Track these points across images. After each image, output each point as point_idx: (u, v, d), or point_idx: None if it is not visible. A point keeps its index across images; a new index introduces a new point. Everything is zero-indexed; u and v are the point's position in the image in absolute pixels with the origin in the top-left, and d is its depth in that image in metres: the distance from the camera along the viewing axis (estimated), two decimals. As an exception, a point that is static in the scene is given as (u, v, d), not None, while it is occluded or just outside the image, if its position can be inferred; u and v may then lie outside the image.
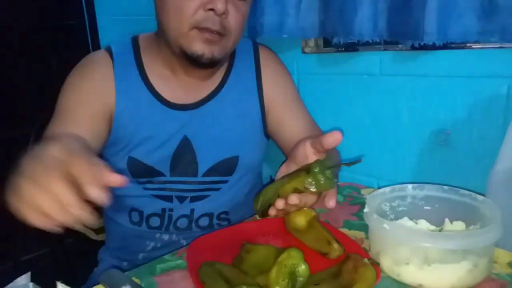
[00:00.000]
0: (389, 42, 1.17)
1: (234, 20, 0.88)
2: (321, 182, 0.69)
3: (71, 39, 1.58)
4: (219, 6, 0.83)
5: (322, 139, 0.70)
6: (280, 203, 0.73)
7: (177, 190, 0.99)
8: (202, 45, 0.87)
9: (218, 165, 1.00)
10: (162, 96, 0.97)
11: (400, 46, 1.16)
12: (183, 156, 0.98)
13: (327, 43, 1.35)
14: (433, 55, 1.11)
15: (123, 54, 0.99)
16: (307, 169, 0.71)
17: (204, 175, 0.99)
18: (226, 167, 1.01)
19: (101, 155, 1.00)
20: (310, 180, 0.70)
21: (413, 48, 1.10)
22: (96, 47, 1.56)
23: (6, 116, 1.51)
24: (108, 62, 0.97)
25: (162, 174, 0.98)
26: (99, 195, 0.49)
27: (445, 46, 1.05)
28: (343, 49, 1.29)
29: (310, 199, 0.74)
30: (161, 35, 0.94)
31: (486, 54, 1.03)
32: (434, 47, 1.03)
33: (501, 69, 1.01)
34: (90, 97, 0.94)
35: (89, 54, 1.01)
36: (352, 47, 1.27)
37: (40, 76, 1.54)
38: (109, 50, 0.99)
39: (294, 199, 0.71)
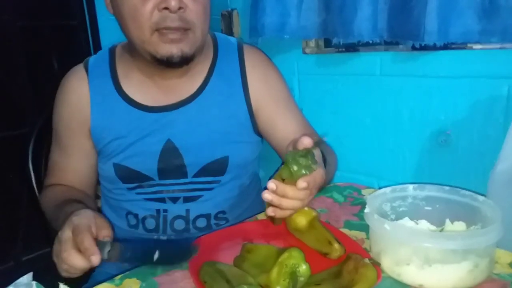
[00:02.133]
0: (390, 43, 1.17)
1: (194, 11, 0.87)
2: (295, 170, 0.69)
3: (72, 39, 1.58)
4: (173, 4, 0.82)
5: (297, 143, 0.72)
6: (265, 195, 0.71)
7: (168, 191, 0.99)
8: (169, 46, 0.87)
9: (208, 166, 0.99)
10: (137, 102, 0.98)
11: (400, 46, 1.16)
12: (170, 159, 0.97)
13: (328, 43, 1.35)
14: (434, 56, 1.11)
15: (99, 66, 1.01)
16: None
17: (195, 176, 0.99)
18: (217, 168, 1.00)
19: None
20: (285, 171, 0.70)
21: (413, 48, 1.10)
22: (97, 47, 1.57)
23: (7, 116, 1.51)
24: (83, 77, 0.99)
25: (151, 179, 0.98)
26: (95, 262, 0.69)
27: (445, 47, 1.05)
28: (343, 49, 1.30)
29: (289, 190, 0.71)
30: (130, 45, 0.95)
31: (486, 54, 1.03)
32: (434, 48, 1.03)
33: (502, 70, 1.01)
34: (70, 121, 1.00)
35: (68, 72, 1.04)
36: (352, 47, 1.27)
37: (42, 76, 1.54)
38: (86, 64, 1.01)
39: (271, 185, 0.70)
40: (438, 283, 0.65)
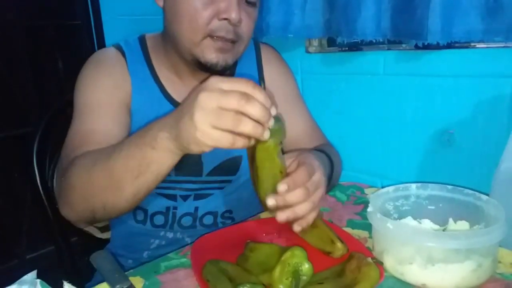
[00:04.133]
0: (393, 42, 1.17)
1: (246, 26, 0.89)
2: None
3: (76, 38, 1.59)
4: (234, 16, 0.83)
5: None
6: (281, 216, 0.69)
7: (181, 189, 0.99)
8: (216, 54, 0.87)
9: (222, 164, 1.00)
10: (171, 96, 0.97)
11: (403, 45, 1.16)
12: (188, 156, 0.98)
13: (331, 42, 1.35)
14: (437, 55, 1.11)
15: (133, 52, 0.99)
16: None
17: (208, 174, 1.00)
18: (230, 167, 1.01)
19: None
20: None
21: (417, 47, 1.10)
22: (101, 46, 1.57)
23: (12, 115, 1.52)
24: (121, 59, 0.97)
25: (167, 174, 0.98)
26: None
27: (449, 46, 1.04)
28: (346, 48, 1.29)
29: (289, 197, 0.67)
30: (170, 43, 0.94)
31: (490, 53, 1.03)
32: (438, 47, 1.03)
33: (506, 69, 1.01)
34: (113, 90, 0.93)
35: (98, 51, 1.01)
36: (355, 46, 1.26)
37: (46, 75, 1.55)
38: (119, 48, 0.99)
39: (271, 202, 0.67)
40: (441, 283, 0.65)
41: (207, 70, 0.90)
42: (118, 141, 0.87)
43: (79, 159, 0.80)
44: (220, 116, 0.57)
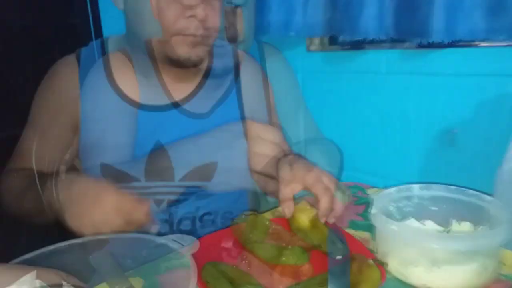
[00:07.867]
0: (396, 40, 1.16)
1: (213, 20, 0.89)
2: None
3: (75, 37, 1.58)
4: (201, 13, 0.84)
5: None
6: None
7: (154, 193, 0.98)
8: (188, 49, 0.88)
9: (196, 170, 0.97)
10: (131, 98, 0.96)
11: (406, 44, 1.15)
12: (158, 161, 0.97)
13: (333, 41, 1.35)
14: (440, 53, 1.10)
15: (91, 58, 0.99)
16: None
17: (182, 180, 0.98)
18: (204, 173, 0.99)
19: (74, 165, 1.04)
20: None
21: (420, 46, 1.09)
22: (101, 45, 1.57)
23: (10, 115, 1.51)
24: (74, 68, 0.98)
25: (137, 179, 0.96)
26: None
27: (452, 44, 1.04)
28: (348, 47, 1.29)
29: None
30: (134, 44, 0.94)
31: (494, 52, 1.02)
32: (441, 45, 1.02)
33: (509, 68, 1.00)
34: (57, 111, 0.97)
35: (59, 60, 1.03)
36: (358, 45, 1.26)
37: (45, 75, 1.54)
38: (78, 54, 1.00)
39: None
40: (445, 285, 0.64)
41: (180, 65, 0.90)
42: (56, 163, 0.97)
43: (14, 175, 0.97)
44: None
